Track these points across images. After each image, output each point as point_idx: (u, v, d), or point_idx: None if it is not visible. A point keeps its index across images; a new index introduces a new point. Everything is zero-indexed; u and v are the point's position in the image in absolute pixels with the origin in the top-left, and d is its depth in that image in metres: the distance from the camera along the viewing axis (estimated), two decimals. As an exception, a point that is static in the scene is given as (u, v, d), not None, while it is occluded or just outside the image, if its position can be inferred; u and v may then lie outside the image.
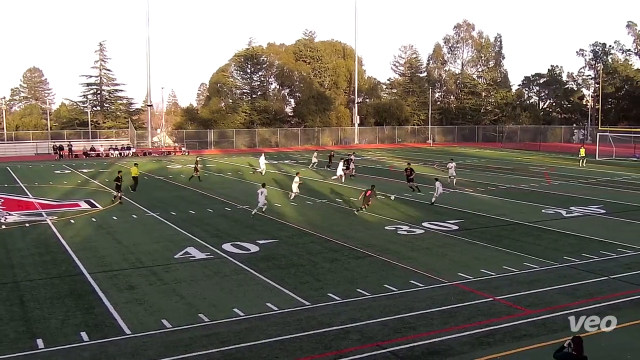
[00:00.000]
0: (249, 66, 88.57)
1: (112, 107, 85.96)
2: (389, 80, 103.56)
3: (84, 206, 28.68)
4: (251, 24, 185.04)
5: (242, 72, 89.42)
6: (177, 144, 75.71)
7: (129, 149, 67.72)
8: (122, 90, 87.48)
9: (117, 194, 29.30)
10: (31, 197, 32.23)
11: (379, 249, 19.00)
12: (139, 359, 10.84)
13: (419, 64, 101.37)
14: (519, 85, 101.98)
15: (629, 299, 13.99)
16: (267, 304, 13.72)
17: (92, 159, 62.14)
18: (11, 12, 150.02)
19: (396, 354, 10.93)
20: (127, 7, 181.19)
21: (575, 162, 50.04)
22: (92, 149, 66.10)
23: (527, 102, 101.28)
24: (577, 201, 28.76)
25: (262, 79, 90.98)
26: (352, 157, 43.22)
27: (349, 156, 43.40)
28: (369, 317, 12.83)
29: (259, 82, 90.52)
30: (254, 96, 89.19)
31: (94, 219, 25.03)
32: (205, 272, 16.51)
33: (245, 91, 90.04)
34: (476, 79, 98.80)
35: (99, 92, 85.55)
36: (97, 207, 28.20)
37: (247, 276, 16.15)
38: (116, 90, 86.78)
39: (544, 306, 13.42)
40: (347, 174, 38.41)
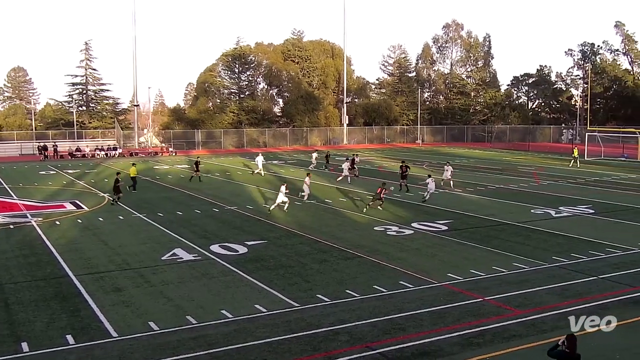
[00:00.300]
0: (237, 66, 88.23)
1: (98, 107, 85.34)
2: (377, 80, 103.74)
3: (70, 207, 28.38)
4: (239, 23, 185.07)
5: (230, 72, 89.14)
6: (164, 145, 75.25)
7: (115, 149, 67.19)
8: (108, 90, 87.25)
9: (116, 196, 28.80)
10: (15, 198, 31.88)
11: (368, 250, 18.94)
12: (125, 362, 10.68)
13: (408, 63, 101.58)
14: (508, 85, 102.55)
15: (617, 299, 14.03)
16: (255, 305, 13.61)
17: (77, 159, 61.57)
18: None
19: (385, 355, 10.87)
20: (114, 6, 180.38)
21: (565, 162, 50.28)
22: (78, 150, 65.50)
23: (516, 102, 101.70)
24: (566, 201, 28.87)
25: (250, 79, 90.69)
26: (357, 157, 42.25)
27: (354, 155, 42.77)
28: (358, 318, 12.76)
29: (247, 82, 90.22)
30: (242, 96, 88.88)
31: (79, 221, 24.76)
32: (192, 274, 16.36)
33: (233, 91, 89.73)
34: (465, 78, 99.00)
35: (85, 91, 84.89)
36: (83, 209, 27.92)
37: (235, 277, 16.02)
38: (102, 90, 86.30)
39: (533, 306, 13.43)
40: (352, 175, 37.71)
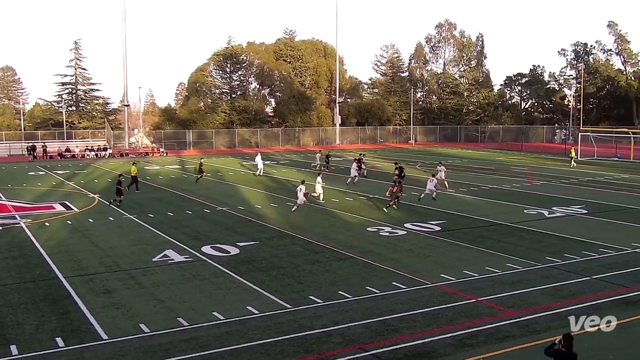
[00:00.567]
0: (229, 65, 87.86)
1: (88, 107, 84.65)
2: (370, 80, 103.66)
3: (59, 208, 28.12)
4: (231, 22, 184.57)
5: (221, 72, 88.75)
6: (155, 145, 74.83)
7: (105, 149, 66.73)
8: (98, 89, 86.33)
9: (118, 198, 28.35)
10: (4, 199, 31.55)
11: (361, 251, 18.85)
12: (116, 365, 10.55)
13: (401, 63, 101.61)
14: (501, 85, 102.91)
15: (610, 299, 14.02)
16: (247, 307, 13.50)
17: (67, 160, 61.06)
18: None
19: (379, 357, 10.80)
20: (104, 5, 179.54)
21: (558, 162, 50.44)
22: (68, 150, 65.00)
23: (509, 102, 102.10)
24: (559, 201, 28.91)
25: (242, 79, 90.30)
26: (363, 157, 41.79)
27: (360, 155, 42.36)
28: (351, 319, 12.68)
29: (238, 82, 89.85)
30: (233, 96, 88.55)
31: (69, 222, 24.53)
32: (184, 275, 16.22)
33: (224, 91, 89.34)
34: (458, 78, 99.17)
35: (74, 91, 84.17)
36: (72, 210, 27.66)
37: (227, 279, 15.90)
38: (92, 89, 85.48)
39: (526, 307, 13.39)
40: (360, 175, 37.27)
